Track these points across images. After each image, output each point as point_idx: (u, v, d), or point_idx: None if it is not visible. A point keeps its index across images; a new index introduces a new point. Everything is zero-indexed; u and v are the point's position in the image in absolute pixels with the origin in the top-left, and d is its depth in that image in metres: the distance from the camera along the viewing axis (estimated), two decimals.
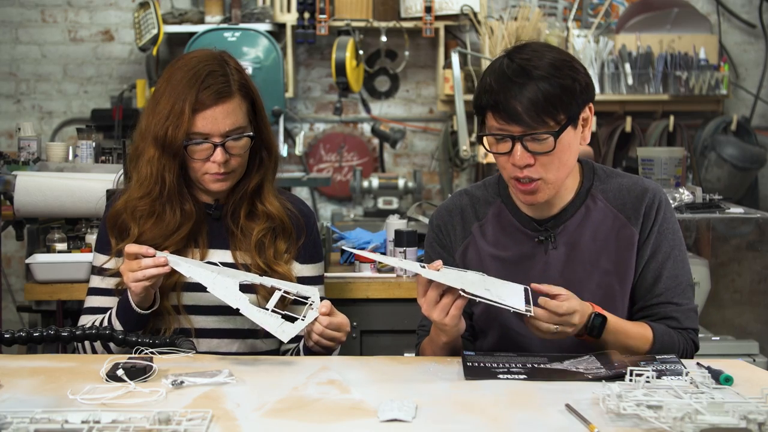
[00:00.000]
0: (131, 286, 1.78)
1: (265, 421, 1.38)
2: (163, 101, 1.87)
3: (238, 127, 1.89)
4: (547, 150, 1.72)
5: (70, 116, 4.83)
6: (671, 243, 1.86)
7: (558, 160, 1.75)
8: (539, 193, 1.78)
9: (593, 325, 1.70)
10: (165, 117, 1.85)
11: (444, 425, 1.35)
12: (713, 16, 4.83)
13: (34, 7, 4.80)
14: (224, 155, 1.87)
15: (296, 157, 4.68)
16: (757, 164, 4.59)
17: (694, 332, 1.87)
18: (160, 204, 1.90)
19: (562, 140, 1.73)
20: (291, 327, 1.73)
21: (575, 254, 1.85)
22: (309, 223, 2.05)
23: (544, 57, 1.73)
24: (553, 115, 1.71)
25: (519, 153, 1.72)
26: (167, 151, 1.86)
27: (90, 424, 1.28)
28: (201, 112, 1.85)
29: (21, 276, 4.62)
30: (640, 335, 1.79)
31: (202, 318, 1.93)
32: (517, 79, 1.70)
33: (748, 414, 1.28)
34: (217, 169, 1.88)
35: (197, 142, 1.86)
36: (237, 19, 4.38)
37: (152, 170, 1.88)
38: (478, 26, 4.49)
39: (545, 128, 1.71)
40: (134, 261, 1.77)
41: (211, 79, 1.86)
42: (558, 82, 1.70)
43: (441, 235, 1.95)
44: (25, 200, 2.69)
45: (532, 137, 1.72)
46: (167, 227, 1.89)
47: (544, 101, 1.69)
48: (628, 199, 1.87)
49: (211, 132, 1.86)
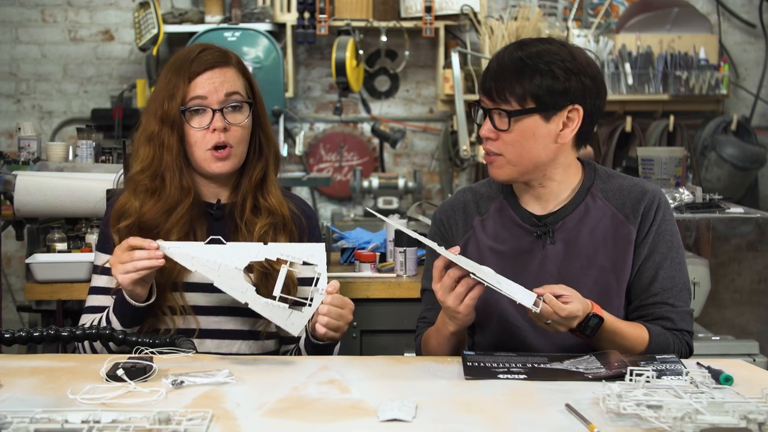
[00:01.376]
0: (120, 278, 1.76)
1: (265, 420, 1.38)
2: (160, 82, 1.92)
3: (235, 92, 1.90)
4: (503, 128, 1.80)
5: (70, 116, 4.83)
6: (669, 245, 1.87)
7: (519, 144, 1.81)
8: (499, 169, 1.84)
9: (587, 325, 1.70)
10: (161, 93, 1.90)
11: (444, 425, 1.35)
12: (713, 16, 4.83)
13: (34, 7, 4.80)
14: (223, 121, 1.88)
15: (296, 157, 4.68)
16: (757, 164, 4.59)
17: (688, 335, 1.87)
18: (160, 179, 1.91)
19: (523, 125, 1.80)
20: (300, 317, 1.72)
21: (573, 250, 1.86)
22: (311, 224, 2.06)
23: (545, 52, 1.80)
24: (519, 97, 1.78)
25: (486, 125, 1.82)
26: (165, 123, 1.88)
27: (90, 424, 1.28)
28: (196, 77, 1.89)
29: (21, 276, 4.62)
30: (635, 336, 1.79)
31: (203, 318, 1.92)
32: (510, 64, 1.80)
33: (748, 414, 1.28)
34: (217, 139, 1.88)
35: (195, 109, 1.88)
36: (237, 19, 4.38)
37: (152, 146, 1.91)
38: (478, 26, 4.49)
39: (506, 106, 1.79)
40: (126, 253, 1.75)
41: (206, 53, 1.91)
42: (537, 70, 1.78)
43: (443, 229, 1.97)
44: (25, 200, 2.69)
45: (497, 112, 1.80)
46: (167, 201, 1.89)
47: (515, 82, 1.78)
48: (628, 199, 1.88)
49: (208, 94, 1.88)
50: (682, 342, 1.85)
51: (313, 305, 1.73)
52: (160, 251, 1.75)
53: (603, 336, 1.74)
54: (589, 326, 1.70)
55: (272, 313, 1.73)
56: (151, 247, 1.75)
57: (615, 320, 1.77)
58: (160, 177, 1.90)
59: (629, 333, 1.78)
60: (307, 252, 1.77)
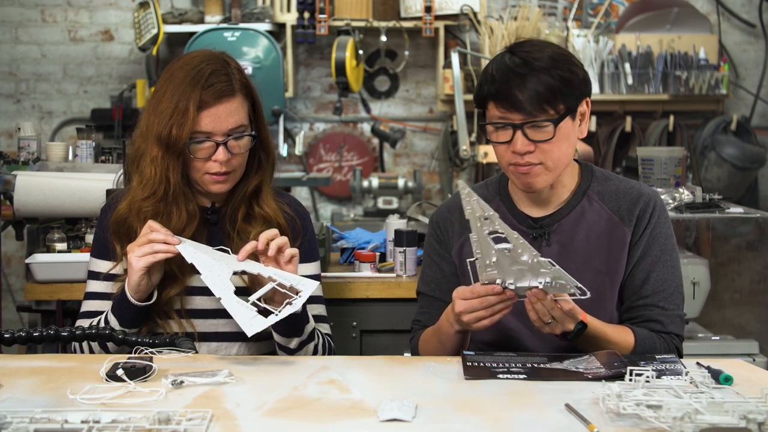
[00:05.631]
0: (134, 261, 1.77)
1: (265, 420, 1.38)
2: (166, 100, 1.86)
3: (240, 125, 1.89)
4: (547, 138, 1.77)
5: (70, 116, 4.83)
6: (662, 248, 1.87)
7: (557, 149, 1.79)
8: (538, 178, 1.81)
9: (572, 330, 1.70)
10: (168, 116, 1.84)
11: (444, 425, 1.35)
12: (713, 16, 4.83)
13: (34, 7, 4.80)
14: (226, 154, 1.87)
15: (296, 157, 4.68)
16: (757, 164, 4.59)
17: (678, 338, 1.87)
18: (165, 205, 1.89)
19: (561, 129, 1.78)
20: (261, 321, 1.71)
21: (568, 252, 1.86)
22: (305, 224, 2.05)
23: (544, 50, 1.80)
24: (553, 104, 1.76)
25: (519, 141, 1.77)
26: (171, 151, 1.85)
27: (90, 424, 1.28)
28: (204, 110, 1.84)
29: (21, 276, 4.62)
30: (620, 339, 1.79)
31: (202, 322, 1.92)
32: (519, 70, 1.76)
33: (748, 414, 1.28)
34: (218, 168, 1.87)
35: (199, 141, 1.86)
36: (237, 19, 4.38)
37: (156, 170, 1.87)
38: (477, 26, 4.49)
39: (545, 116, 1.76)
40: (144, 236, 1.80)
41: (213, 77, 1.86)
42: (558, 73, 1.76)
43: (439, 232, 1.98)
44: (25, 200, 2.69)
45: (533, 125, 1.77)
46: (173, 228, 1.88)
47: (545, 90, 1.75)
48: (624, 202, 1.89)
49: (214, 130, 1.86)
50: (671, 345, 1.85)
51: (279, 315, 1.72)
52: (176, 239, 1.80)
53: (587, 340, 1.74)
54: (572, 331, 1.71)
55: (238, 312, 1.73)
56: (167, 233, 1.80)
57: (600, 324, 1.77)
58: (164, 203, 1.89)
59: (613, 336, 1.78)
60: (300, 283, 1.79)
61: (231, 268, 1.79)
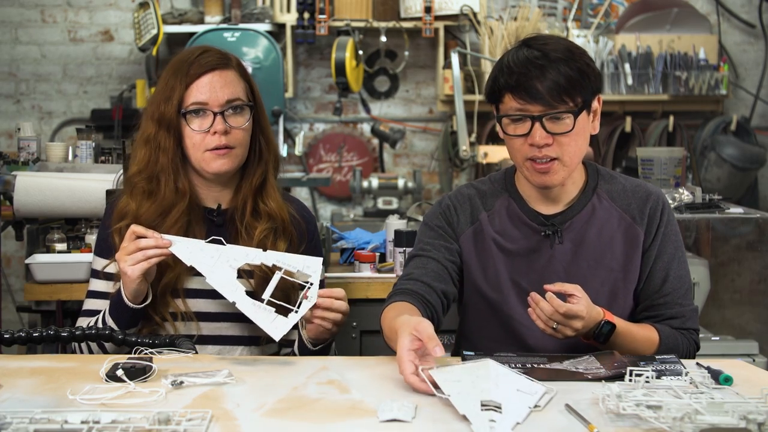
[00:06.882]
0: (128, 270, 1.75)
1: (265, 421, 1.38)
2: (159, 84, 1.92)
3: (237, 98, 1.90)
4: (566, 130, 1.76)
5: (70, 116, 4.83)
6: (675, 245, 1.89)
7: (574, 143, 1.78)
8: (554, 174, 1.80)
9: (601, 332, 1.72)
10: (158, 95, 1.90)
11: (444, 425, 1.35)
12: (713, 16, 4.83)
13: (34, 7, 4.80)
14: (224, 124, 1.87)
15: (296, 157, 4.68)
16: (757, 164, 4.59)
17: (695, 332, 1.90)
18: (156, 180, 1.90)
19: (579, 122, 1.77)
20: (284, 322, 1.71)
21: (581, 250, 1.86)
22: (311, 228, 2.06)
23: (560, 43, 1.80)
24: (572, 95, 1.76)
25: (538, 133, 1.76)
26: (162, 125, 1.88)
27: (90, 424, 1.28)
28: (195, 81, 1.88)
29: (21, 276, 4.61)
30: (646, 338, 1.81)
31: (205, 324, 1.92)
32: (539, 61, 1.75)
33: (747, 414, 1.28)
34: (217, 142, 1.87)
35: (195, 110, 1.87)
36: (237, 19, 4.38)
37: (149, 147, 1.90)
38: (477, 26, 4.49)
39: (565, 107, 1.75)
40: (132, 243, 1.76)
41: (206, 56, 1.91)
42: (576, 65, 1.76)
43: (449, 213, 1.94)
44: (25, 200, 2.69)
45: (552, 117, 1.75)
46: (162, 203, 1.89)
47: (564, 81, 1.74)
48: (633, 201, 1.90)
49: (209, 100, 1.87)
50: (690, 341, 1.87)
51: (299, 312, 1.72)
52: (166, 240, 1.77)
53: (615, 341, 1.75)
54: (602, 333, 1.72)
55: (257, 315, 1.73)
56: (155, 235, 1.76)
57: (626, 324, 1.78)
58: (155, 179, 1.90)
59: (640, 336, 1.79)
60: (304, 263, 1.77)
61: (233, 266, 1.77)
